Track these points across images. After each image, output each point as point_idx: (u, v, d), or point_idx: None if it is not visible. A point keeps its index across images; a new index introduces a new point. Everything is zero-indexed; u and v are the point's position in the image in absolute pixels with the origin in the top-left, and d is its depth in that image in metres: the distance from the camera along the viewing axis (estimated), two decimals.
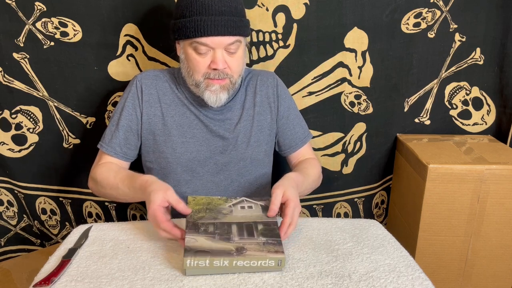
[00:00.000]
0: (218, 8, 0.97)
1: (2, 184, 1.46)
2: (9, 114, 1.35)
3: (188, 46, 1.01)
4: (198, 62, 1.00)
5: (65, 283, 0.76)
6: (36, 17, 1.23)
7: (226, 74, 1.02)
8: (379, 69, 1.37)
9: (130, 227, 0.97)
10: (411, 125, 1.50)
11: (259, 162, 1.15)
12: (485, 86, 1.46)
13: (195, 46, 0.99)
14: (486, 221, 1.26)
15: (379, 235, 0.96)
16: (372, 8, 1.28)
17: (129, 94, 1.09)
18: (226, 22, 0.97)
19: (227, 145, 1.11)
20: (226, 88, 1.04)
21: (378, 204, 1.61)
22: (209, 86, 1.02)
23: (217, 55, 0.99)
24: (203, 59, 1.00)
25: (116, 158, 1.09)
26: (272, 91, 1.15)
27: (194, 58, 1.01)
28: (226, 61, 1.01)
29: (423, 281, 0.78)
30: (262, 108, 1.14)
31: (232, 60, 1.02)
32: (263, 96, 1.15)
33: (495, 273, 1.32)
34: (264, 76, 1.17)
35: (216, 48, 0.99)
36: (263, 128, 1.14)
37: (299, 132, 1.19)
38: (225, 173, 1.12)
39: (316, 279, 0.78)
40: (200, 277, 0.78)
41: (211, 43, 0.98)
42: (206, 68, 1.01)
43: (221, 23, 0.97)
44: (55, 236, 1.56)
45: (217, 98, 1.03)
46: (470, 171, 1.21)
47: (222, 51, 1.00)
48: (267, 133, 1.15)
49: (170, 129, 1.09)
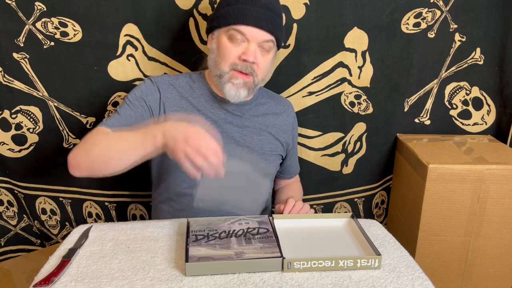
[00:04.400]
0: (264, 2, 0.99)
1: (2, 184, 1.46)
2: (9, 114, 1.35)
3: (224, 33, 1.01)
4: (229, 50, 1.00)
5: (65, 283, 0.76)
6: (36, 17, 1.23)
7: (253, 71, 1.02)
8: (379, 69, 1.37)
9: (130, 227, 0.97)
10: (411, 125, 1.50)
11: (270, 177, 1.20)
12: (485, 86, 1.46)
13: (231, 34, 0.99)
14: (486, 221, 1.26)
15: (379, 235, 0.96)
16: (372, 8, 1.28)
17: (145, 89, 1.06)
18: (268, 17, 0.99)
19: (242, 154, 1.11)
20: (248, 86, 1.04)
21: (378, 204, 1.61)
22: (233, 78, 1.02)
23: (251, 47, 1.00)
24: (235, 48, 1.00)
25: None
26: (289, 119, 1.21)
27: (227, 46, 1.01)
28: (257, 57, 1.01)
29: (423, 281, 0.78)
30: (280, 129, 1.18)
31: (262, 60, 1.03)
32: (282, 120, 1.19)
33: (495, 273, 1.32)
34: (285, 102, 1.24)
35: (251, 41, 0.99)
36: (277, 147, 1.17)
37: (294, 164, 1.31)
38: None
39: (316, 279, 0.78)
40: (200, 277, 0.78)
41: (248, 34, 0.99)
42: (235, 58, 1.01)
43: (264, 17, 0.98)
44: (55, 236, 1.56)
45: (237, 92, 1.03)
46: (470, 171, 1.21)
47: (256, 45, 1.00)
48: (279, 154, 1.19)
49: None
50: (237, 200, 0.96)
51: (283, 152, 1.21)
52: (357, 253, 0.86)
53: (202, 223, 0.94)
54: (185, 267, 0.78)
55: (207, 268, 0.78)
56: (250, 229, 0.92)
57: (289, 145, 1.22)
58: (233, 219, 0.97)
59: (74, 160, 0.97)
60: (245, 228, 0.92)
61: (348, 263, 0.80)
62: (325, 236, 0.92)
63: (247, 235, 0.89)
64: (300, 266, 0.80)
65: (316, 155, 1.46)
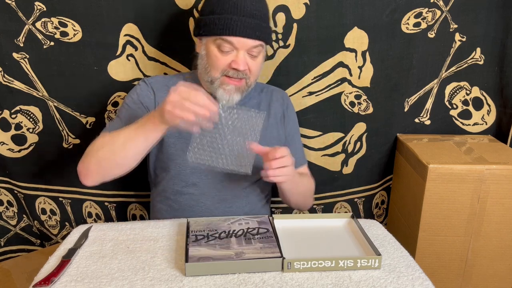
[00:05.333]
0: (250, 10, 0.99)
1: (2, 184, 1.46)
2: (9, 114, 1.35)
3: (212, 43, 1.01)
4: (218, 59, 1.01)
5: (65, 283, 0.76)
6: (36, 17, 1.23)
7: (245, 75, 1.03)
8: (379, 69, 1.37)
9: (130, 227, 0.97)
10: (411, 125, 1.50)
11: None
12: (485, 86, 1.46)
13: (219, 44, 1.00)
14: (486, 221, 1.26)
15: (379, 235, 0.96)
16: (372, 8, 1.28)
17: (141, 92, 1.09)
18: (255, 26, 0.99)
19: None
20: (241, 90, 1.05)
21: (378, 204, 1.60)
22: (224, 84, 1.03)
23: (240, 56, 1.00)
24: (224, 57, 1.01)
25: None
26: (282, 109, 1.19)
27: (216, 55, 1.01)
28: (247, 62, 1.02)
29: (423, 281, 0.78)
30: (275, 121, 1.17)
31: (253, 64, 1.03)
32: (276, 110, 1.18)
33: (495, 273, 1.32)
34: (278, 93, 1.22)
35: (240, 49, 1.00)
36: (273, 140, 1.16)
37: (300, 154, 1.24)
38: (233, 178, 1.12)
39: (316, 279, 0.78)
40: (200, 277, 0.78)
41: (236, 43, 0.99)
42: (225, 66, 1.01)
43: (251, 26, 0.98)
44: (55, 236, 1.56)
45: (230, 98, 1.04)
46: (470, 171, 1.21)
47: (245, 52, 1.01)
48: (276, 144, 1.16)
49: (180, 131, 1.08)
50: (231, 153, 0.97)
51: (280, 143, 1.18)
52: (357, 253, 0.86)
53: (202, 223, 0.94)
54: (185, 267, 0.78)
55: (207, 268, 0.78)
56: (250, 229, 0.92)
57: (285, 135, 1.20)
58: (233, 219, 0.97)
59: (83, 168, 1.01)
60: (245, 228, 0.92)
61: (348, 263, 0.80)
62: (325, 236, 0.92)
63: (247, 235, 0.89)
64: (300, 266, 0.80)
65: (316, 155, 1.46)
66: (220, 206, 1.11)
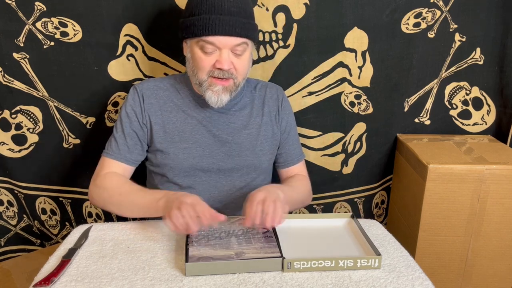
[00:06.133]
0: (227, 8, 0.97)
1: (2, 184, 1.46)
2: (9, 114, 1.35)
3: (195, 44, 1.01)
4: (203, 60, 1.01)
5: (65, 283, 0.77)
6: (36, 17, 1.23)
7: (231, 75, 1.02)
8: (379, 69, 1.37)
9: (130, 227, 0.97)
10: (411, 125, 1.50)
11: (263, 170, 1.16)
12: (485, 86, 1.46)
13: (201, 45, 0.99)
14: (486, 221, 1.26)
15: (379, 235, 0.96)
16: (372, 8, 1.28)
17: (131, 102, 1.09)
18: (234, 23, 0.97)
19: (231, 151, 1.11)
20: (229, 90, 1.04)
21: (378, 204, 1.61)
22: (212, 85, 1.02)
23: (223, 55, 0.99)
24: (208, 58, 1.00)
25: (124, 164, 1.08)
26: (277, 104, 1.18)
27: (200, 56, 1.01)
28: (232, 62, 1.01)
29: (423, 281, 0.78)
30: (269, 118, 1.16)
31: (238, 62, 1.02)
32: (270, 107, 1.17)
33: (495, 273, 1.32)
34: (272, 88, 1.20)
35: (222, 48, 0.99)
36: (268, 138, 1.15)
37: (296, 149, 1.22)
38: (228, 179, 1.12)
39: (316, 279, 0.78)
40: (200, 277, 0.78)
41: (218, 43, 0.98)
42: (211, 67, 1.01)
43: (229, 23, 0.97)
44: (55, 236, 1.56)
45: (219, 99, 1.03)
46: (470, 171, 1.21)
47: (229, 51, 1.00)
48: (271, 143, 1.17)
49: (172, 136, 1.09)
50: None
51: (275, 141, 1.17)
52: (357, 253, 0.86)
53: None
54: (185, 267, 0.78)
55: (207, 268, 0.78)
56: (250, 229, 0.92)
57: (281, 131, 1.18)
58: (233, 219, 0.97)
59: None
60: (245, 228, 0.92)
61: (348, 263, 0.80)
62: (325, 236, 0.92)
63: (247, 235, 0.89)
64: (300, 266, 0.80)
65: (316, 155, 1.46)
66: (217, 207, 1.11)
